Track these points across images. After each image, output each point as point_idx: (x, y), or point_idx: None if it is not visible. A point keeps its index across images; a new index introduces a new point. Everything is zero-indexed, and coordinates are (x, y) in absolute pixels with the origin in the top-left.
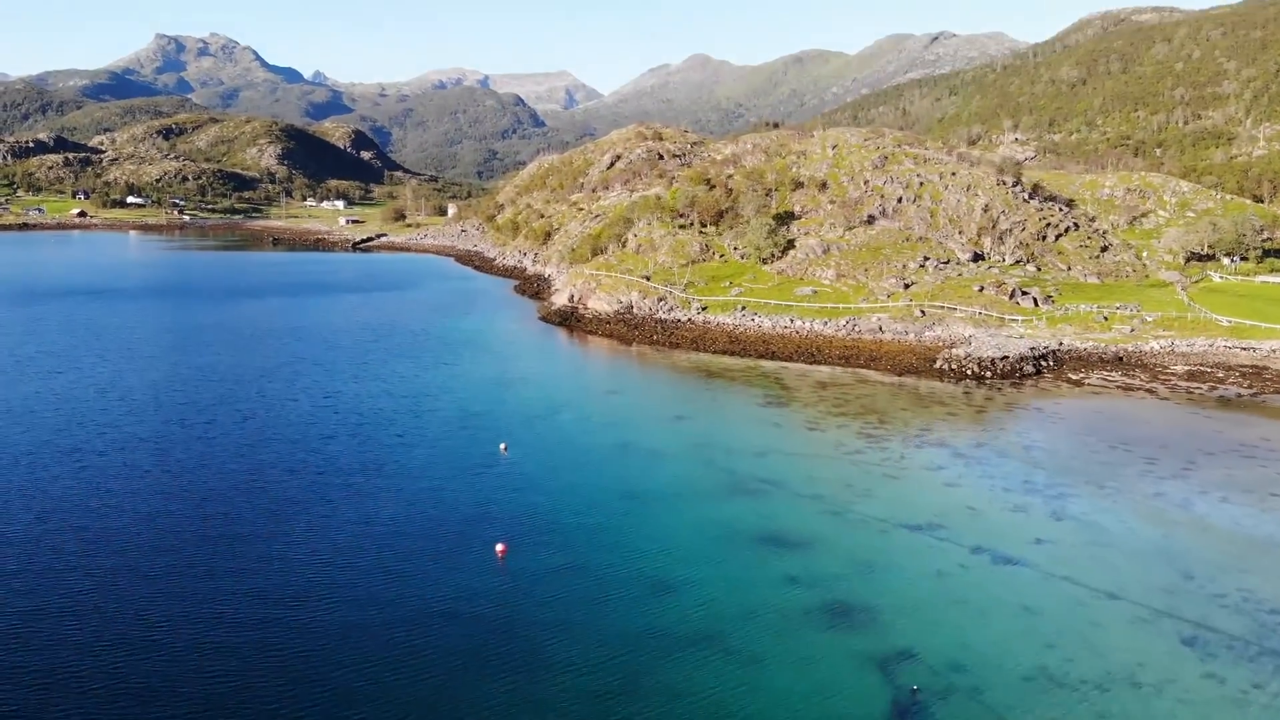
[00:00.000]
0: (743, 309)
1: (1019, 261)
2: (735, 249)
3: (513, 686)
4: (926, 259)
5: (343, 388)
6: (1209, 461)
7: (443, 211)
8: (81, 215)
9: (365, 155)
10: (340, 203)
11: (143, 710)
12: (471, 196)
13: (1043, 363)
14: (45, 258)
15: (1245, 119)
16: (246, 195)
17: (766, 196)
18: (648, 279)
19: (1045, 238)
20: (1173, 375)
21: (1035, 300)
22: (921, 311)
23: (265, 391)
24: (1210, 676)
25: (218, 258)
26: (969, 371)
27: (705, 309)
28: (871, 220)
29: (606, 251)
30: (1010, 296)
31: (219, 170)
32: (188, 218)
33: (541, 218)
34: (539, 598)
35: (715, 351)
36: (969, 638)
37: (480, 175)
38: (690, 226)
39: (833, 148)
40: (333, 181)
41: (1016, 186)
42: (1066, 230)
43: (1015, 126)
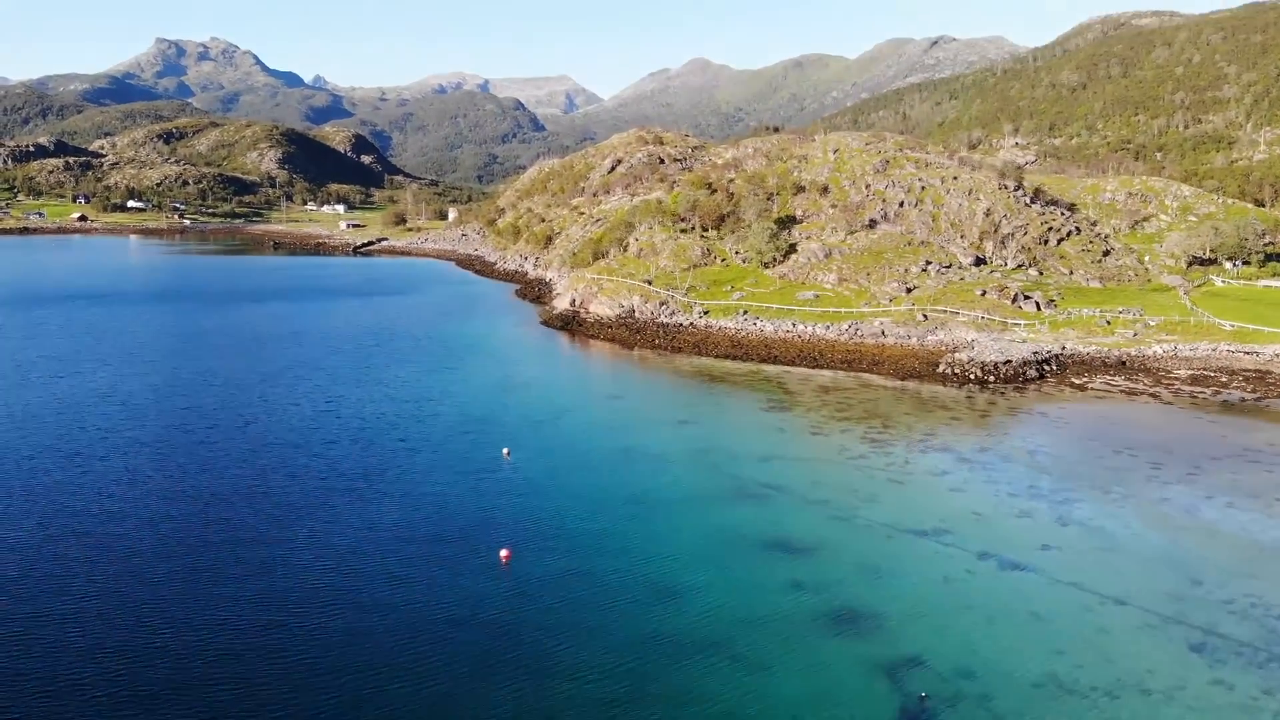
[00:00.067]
0: (744, 313)
1: (1021, 266)
2: (737, 253)
3: (519, 692)
4: (928, 263)
5: (345, 392)
6: (1214, 466)
7: (443, 216)
8: (82, 219)
9: (366, 159)
10: (341, 207)
11: (146, 717)
12: (472, 201)
13: (1046, 367)
14: (46, 262)
15: (1245, 123)
16: (247, 199)
17: (768, 201)
18: (649, 283)
19: (1047, 242)
20: (1176, 380)
21: (1038, 304)
22: (924, 316)
23: (267, 396)
24: (1219, 683)
25: (218, 262)
26: (972, 376)
27: (707, 313)
28: (873, 224)
29: (608, 256)
30: (1013, 301)
31: (219, 174)
32: (188, 222)
33: (542, 222)
34: (544, 603)
35: (717, 356)
36: (977, 644)
37: (480, 179)
38: (691, 231)
39: (834, 152)
40: (333, 186)
41: (1018, 191)
42: (1068, 234)
43: (1016, 131)
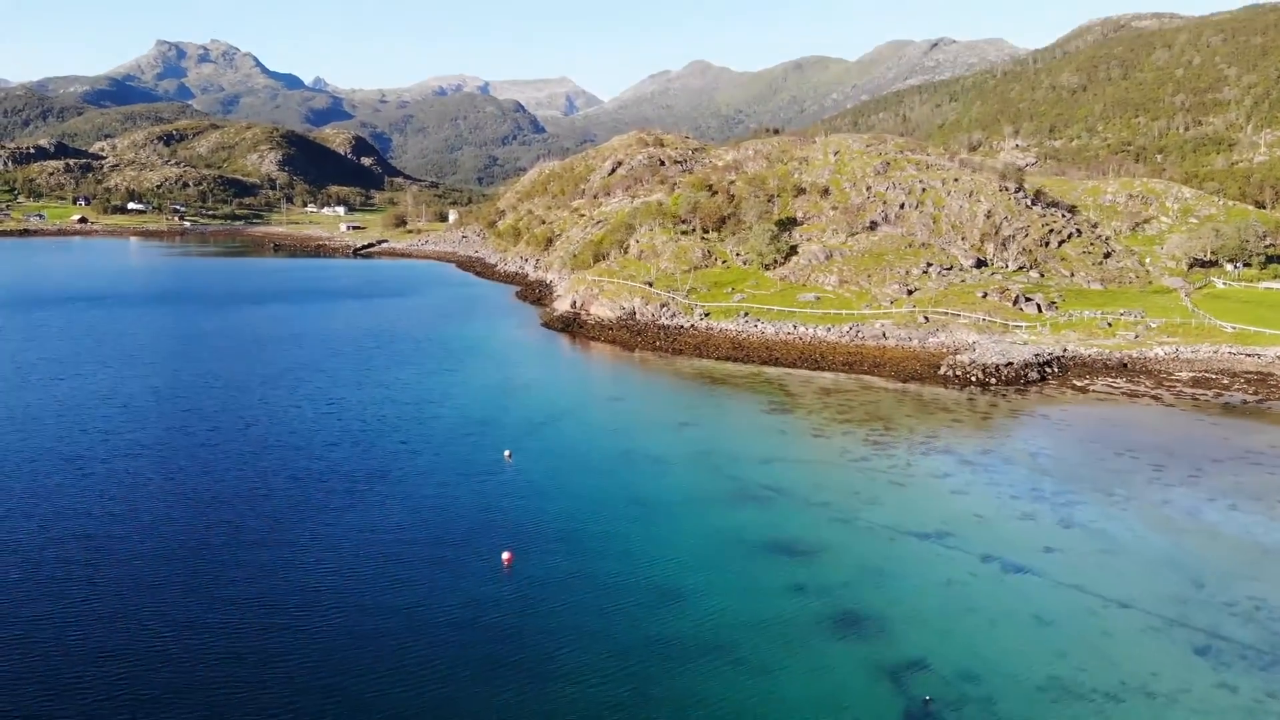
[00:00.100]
0: (745, 315)
1: (1022, 268)
2: (738, 255)
3: (522, 695)
4: (929, 265)
5: (346, 394)
6: (1216, 468)
7: (443, 218)
8: (82, 221)
9: (366, 161)
10: (341, 209)
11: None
12: (472, 202)
13: (1047, 369)
14: (46, 264)
15: (1246, 125)
16: (247, 201)
17: (769, 203)
18: (650, 285)
19: (1048, 244)
20: (1178, 382)
21: (1039, 306)
22: (925, 318)
23: (268, 398)
24: (1223, 686)
25: (219, 264)
26: (973, 378)
27: (708, 315)
28: (874, 226)
29: (608, 258)
30: (1014, 303)
31: (220, 176)
32: (188, 224)
33: (543, 224)
34: (547, 606)
35: (718, 358)
36: (980, 647)
37: (480, 181)
38: (692, 233)
39: (835, 154)
40: (333, 187)
41: (1019, 192)
42: (1069, 236)
43: (1016, 133)
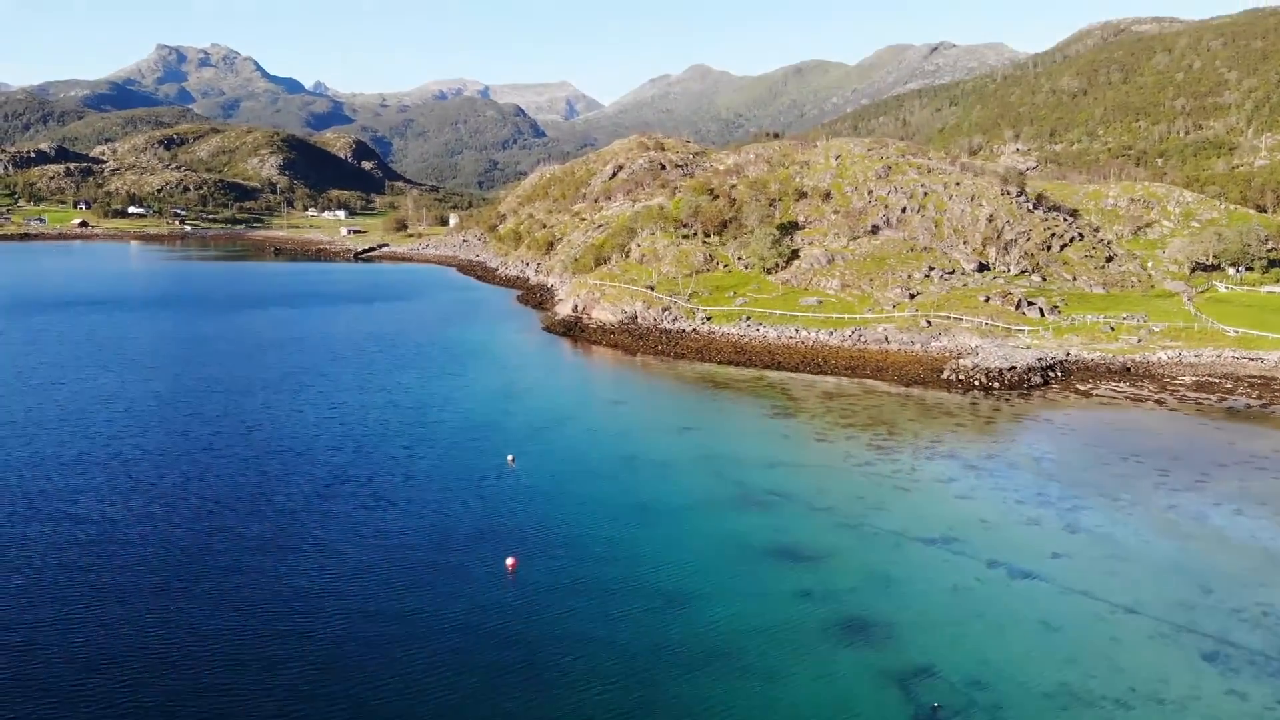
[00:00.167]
0: (747, 319)
1: (1024, 272)
2: (739, 259)
3: (528, 702)
4: (931, 269)
5: (348, 399)
6: (1222, 473)
7: (444, 221)
8: (83, 225)
9: (366, 165)
10: (341, 213)
11: None
12: (473, 206)
13: (1050, 373)
14: (47, 268)
15: (1247, 129)
16: (248, 205)
17: (770, 207)
18: (652, 289)
19: (1050, 248)
20: (1181, 386)
21: (1041, 311)
22: (927, 322)
23: (270, 403)
24: (1233, 693)
25: (219, 268)
26: (976, 382)
27: (710, 319)
28: (876, 230)
29: (610, 261)
30: (1016, 307)
31: (220, 180)
32: (189, 228)
33: (544, 228)
34: (552, 611)
35: (720, 362)
36: (988, 653)
37: (481, 185)
38: (694, 236)
39: (836, 158)
40: (334, 191)
41: (1020, 196)
42: (1071, 240)
43: (1016, 137)
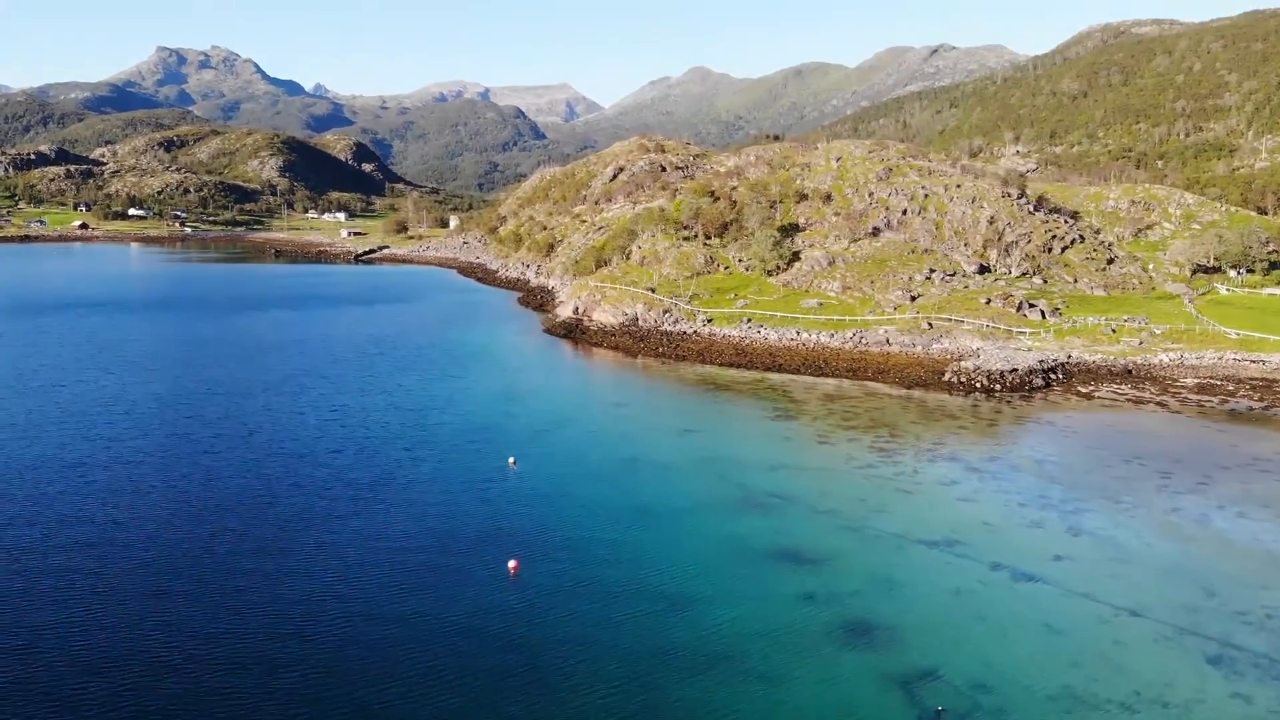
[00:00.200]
0: (748, 321)
1: (1025, 274)
2: (740, 261)
3: (531, 705)
4: (932, 271)
5: (349, 401)
6: (1224, 476)
7: (444, 223)
8: (83, 227)
9: (366, 167)
10: (342, 215)
11: None
12: (473, 208)
13: (1052, 376)
14: (47, 270)
15: (1247, 131)
16: (248, 207)
17: (771, 209)
18: (653, 291)
19: (1051, 250)
20: (1183, 388)
21: (1042, 313)
22: (928, 324)
23: (271, 405)
24: (1237, 696)
25: (220, 270)
26: (978, 384)
27: (711, 321)
28: (876, 232)
29: (610, 264)
30: (1017, 309)
31: (220, 182)
32: (189, 230)
33: (544, 230)
34: (554, 615)
35: (721, 364)
36: (992, 656)
37: (481, 187)
38: (694, 239)
39: (836, 160)
40: (334, 194)
41: (1021, 199)
42: (1072, 242)
43: (1016, 139)
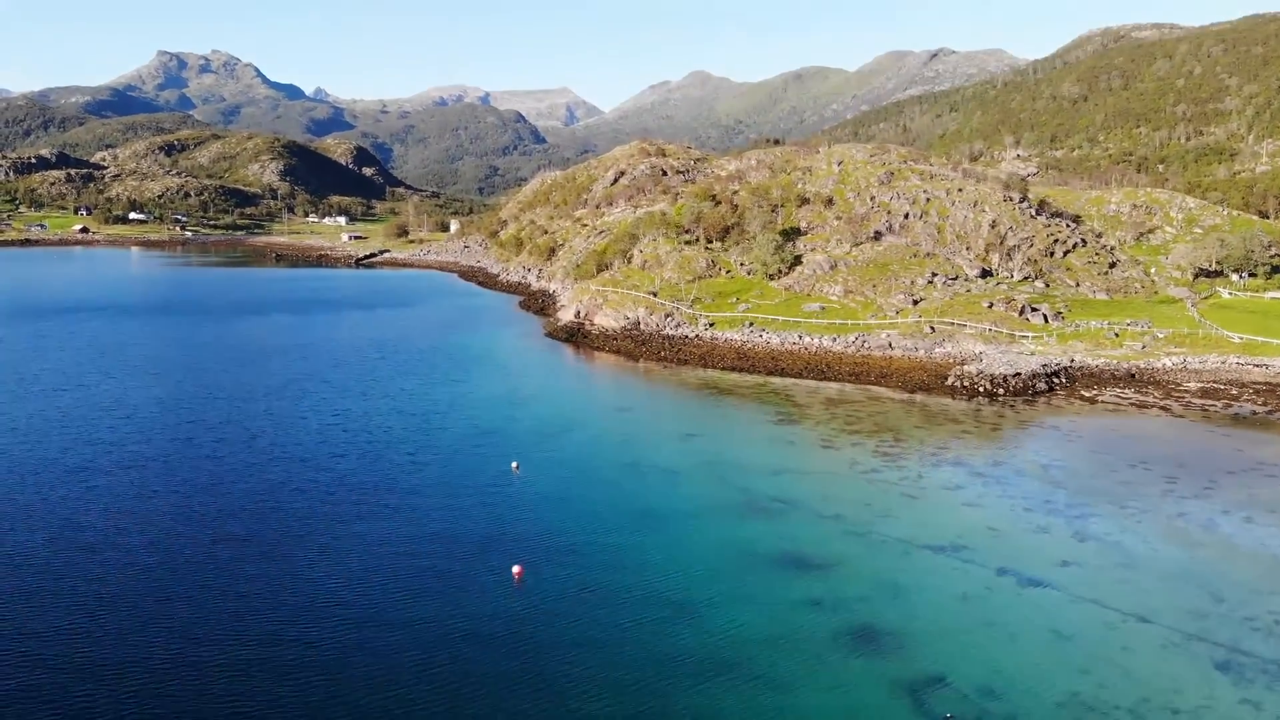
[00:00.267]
0: (750, 325)
1: (1027, 278)
2: (742, 265)
3: (537, 711)
4: (935, 275)
5: (351, 405)
6: (1230, 481)
7: (445, 227)
8: (84, 231)
9: (367, 171)
10: (342, 219)
11: None
12: (474, 212)
13: (1055, 380)
14: (48, 274)
15: (1248, 135)
16: (249, 211)
17: (772, 212)
18: (654, 295)
19: (1053, 254)
20: (1186, 392)
21: (1045, 317)
22: (931, 328)
23: (273, 409)
24: (1246, 702)
25: (221, 274)
26: (981, 388)
27: (713, 325)
28: (878, 236)
29: (612, 267)
30: (1020, 313)
31: (221, 186)
32: (190, 234)
33: (545, 234)
34: (559, 619)
35: (723, 368)
36: (1000, 663)
37: (481, 191)
38: (696, 242)
39: (838, 164)
40: (335, 197)
41: (1023, 202)
42: (1074, 246)
43: (1017, 143)
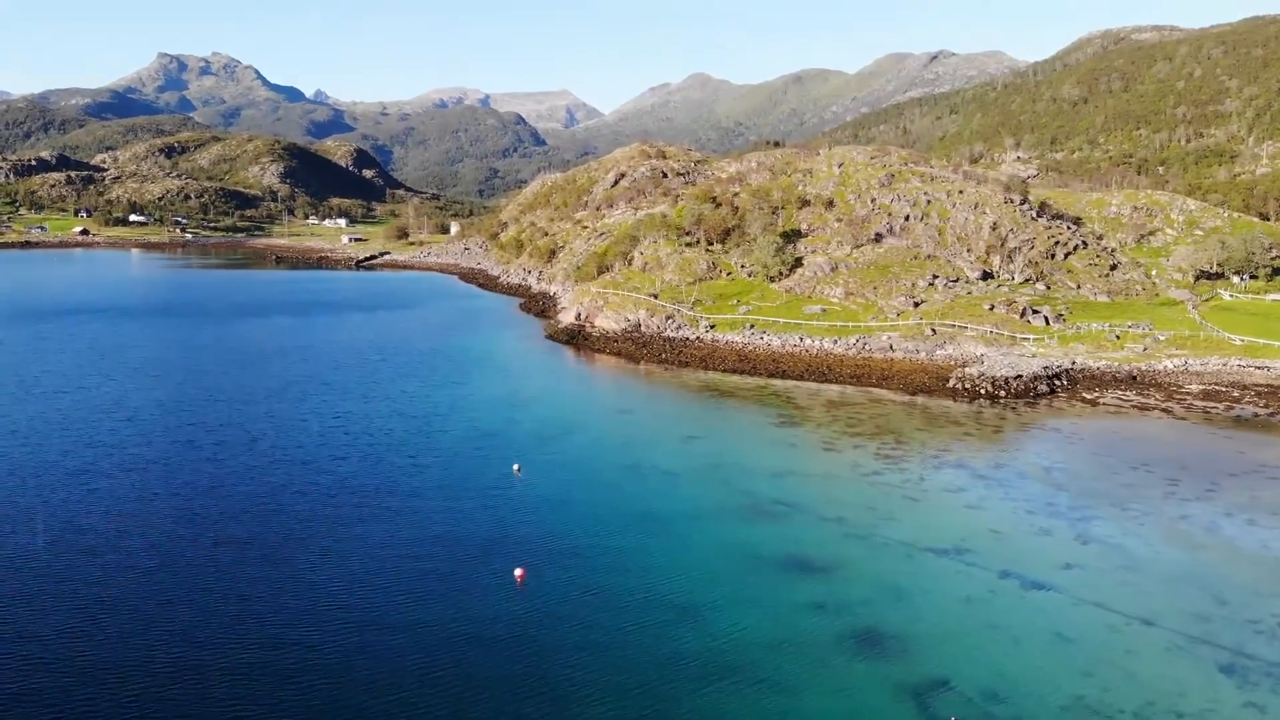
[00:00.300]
0: (751, 327)
1: (1028, 280)
2: (742, 267)
3: (540, 715)
4: (935, 277)
5: (352, 408)
6: (1232, 483)
7: (445, 230)
8: (84, 233)
9: (367, 173)
10: (343, 221)
11: None
12: (474, 214)
13: (1056, 382)
14: (48, 276)
15: (1248, 137)
16: (249, 213)
17: (773, 214)
18: (655, 297)
19: (1054, 256)
20: (1188, 394)
21: (1046, 319)
22: (932, 330)
23: (274, 412)
24: (1251, 705)
25: (221, 276)
26: (983, 391)
27: (714, 327)
28: (879, 238)
29: (612, 269)
30: (1021, 315)
31: (221, 188)
32: (190, 236)
33: (546, 236)
34: (562, 623)
35: (724, 370)
36: (1004, 666)
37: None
38: (697, 244)
39: (839, 166)
40: (335, 200)
41: (1024, 204)
42: (1075, 248)
43: (1017, 145)
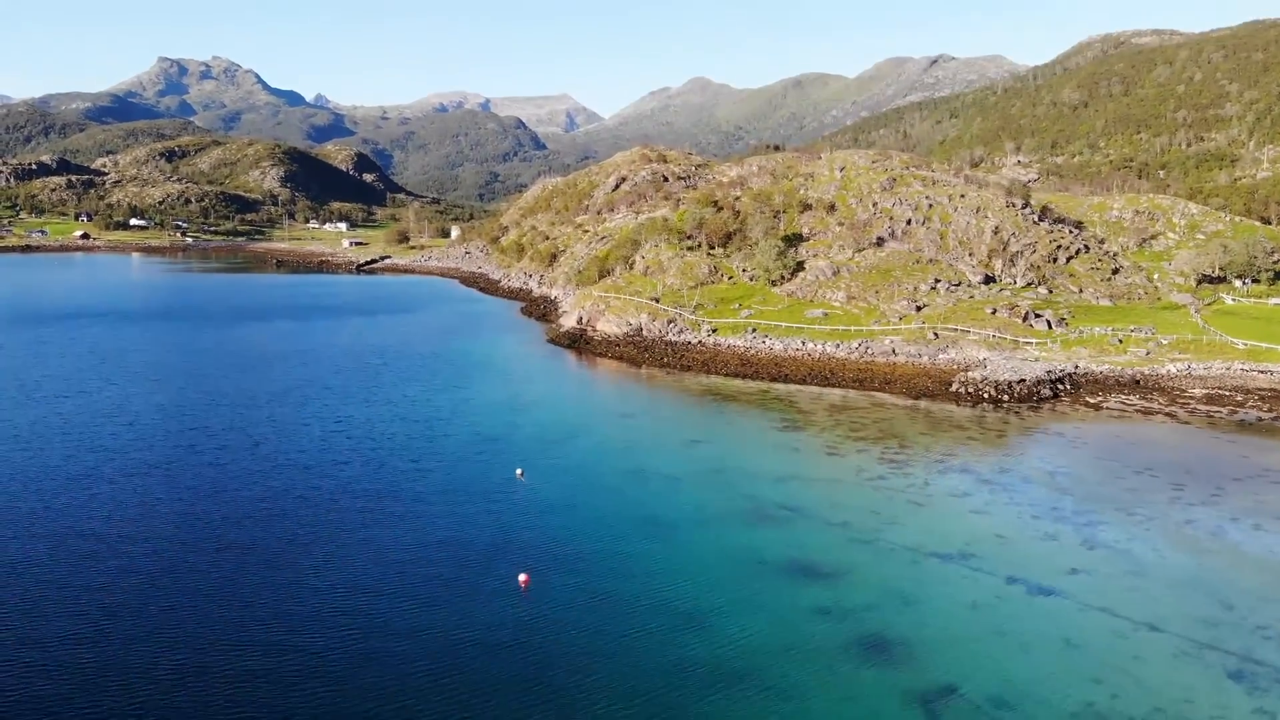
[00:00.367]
0: (753, 331)
1: (1030, 284)
2: (744, 271)
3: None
4: (937, 281)
5: (354, 412)
6: (1237, 487)
7: (446, 233)
8: (84, 237)
9: (368, 178)
10: (343, 225)
11: None
12: (474, 218)
13: (1059, 386)
14: (48, 280)
15: (1248, 141)
16: (249, 217)
17: (774, 218)
18: (657, 301)
19: (1056, 260)
20: (1191, 399)
21: (1049, 323)
22: (934, 334)
23: (275, 416)
24: (1260, 711)
25: (221, 280)
26: (985, 395)
27: (715, 331)
28: (881, 242)
29: (614, 273)
30: (1023, 319)
31: (221, 192)
32: (190, 240)
33: (546, 240)
34: (567, 628)
35: (726, 374)
36: (1011, 672)
37: (482, 198)
38: (698, 248)
39: (840, 170)
40: (335, 204)
41: (1026, 208)
42: (1077, 252)
43: (1018, 149)
